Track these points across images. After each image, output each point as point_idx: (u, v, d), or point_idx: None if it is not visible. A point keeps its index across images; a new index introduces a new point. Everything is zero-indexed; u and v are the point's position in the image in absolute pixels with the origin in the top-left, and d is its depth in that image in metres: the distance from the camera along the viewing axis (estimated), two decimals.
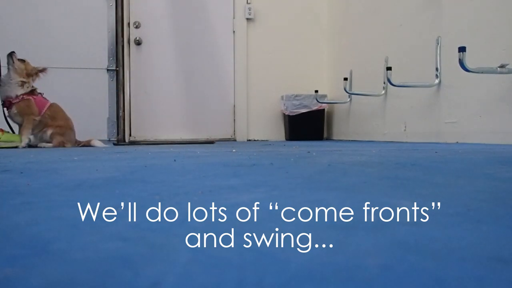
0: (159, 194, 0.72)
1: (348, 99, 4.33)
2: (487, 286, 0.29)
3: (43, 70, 3.28)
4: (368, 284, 0.29)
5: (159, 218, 0.52)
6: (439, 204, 0.61)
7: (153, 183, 0.87)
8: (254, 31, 4.79)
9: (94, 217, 0.54)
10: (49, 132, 3.14)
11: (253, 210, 0.58)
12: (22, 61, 3.20)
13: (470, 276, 0.31)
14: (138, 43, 4.57)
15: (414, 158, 1.50)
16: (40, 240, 0.43)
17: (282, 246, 0.40)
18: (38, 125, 3.18)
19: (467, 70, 2.46)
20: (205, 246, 0.40)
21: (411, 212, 0.55)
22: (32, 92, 3.19)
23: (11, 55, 3.18)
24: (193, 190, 0.75)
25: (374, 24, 3.94)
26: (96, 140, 3.35)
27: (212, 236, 0.43)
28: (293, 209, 0.58)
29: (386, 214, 0.53)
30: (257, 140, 4.79)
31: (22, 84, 3.14)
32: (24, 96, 3.11)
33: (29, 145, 3.15)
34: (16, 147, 3.04)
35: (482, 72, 2.51)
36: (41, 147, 3.07)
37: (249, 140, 4.79)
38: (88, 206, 0.62)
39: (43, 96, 3.28)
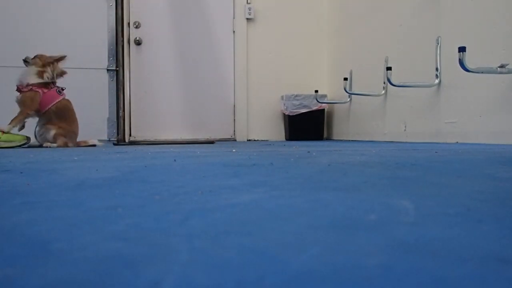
0: (159, 194, 0.72)
1: (348, 99, 4.33)
2: (487, 286, 0.29)
3: (60, 58, 3.15)
4: (368, 284, 0.29)
5: (159, 218, 0.52)
6: (439, 204, 0.61)
7: (153, 183, 0.87)
8: (254, 31, 4.80)
9: (94, 217, 0.54)
10: (52, 132, 3.10)
11: (253, 210, 0.58)
12: (36, 56, 3.16)
13: (470, 276, 0.31)
14: (138, 43, 4.57)
15: (414, 158, 1.50)
16: (40, 240, 0.43)
17: (282, 246, 0.40)
18: (41, 118, 3.10)
19: (467, 70, 2.46)
20: (205, 246, 0.40)
21: (411, 212, 0.55)
22: (46, 85, 3.08)
23: (25, 59, 3.13)
24: (193, 190, 0.75)
25: (374, 24, 3.94)
26: (93, 140, 3.33)
27: (212, 236, 0.43)
28: (293, 209, 0.58)
29: (386, 214, 0.53)
30: (257, 140, 4.79)
31: (40, 73, 3.06)
32: (33, 88, 3.04)
33: (30, 145, 3.14)
34: (18, 146, 3.02)
35: (482, 72, 2.51)
36: (46, 147, 3.05)
37: (249, 140, 4.79)
38: (88, 206, 0.62)
39: (60, 90, 3.15)
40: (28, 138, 3.12)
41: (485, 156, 1.58)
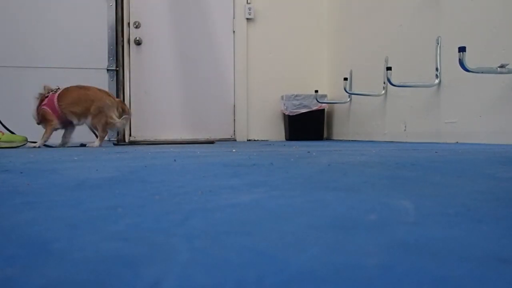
0: (159, 194, 0.72)
1: (348, 99, 4.33)
2: (487, 286, 0.29)
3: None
4: (368, 284, 0.29)
5: (159, 218, 0.52)
6: (439, 204, 0.61)
7: (153, 183, 0.87)
8: (254, 31, 4.79)
9: (94, 217, 0.54)
10: (88, 120, 3.07)
11: (253, 210, 0.58)
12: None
13: (470, 276, 0.31)
14: (138, 43, 4.57)
15: (414, 158, 1.50)
16: (40, 240, 0.43)
17: (282, 246, 0.40)
18: (73, 120, 3.09)
19: (467, 70, 2.46)
20: (205, 246, 0.40)
21: (411, 212, 0.55)
22: (42, 100, 3.11)
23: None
24: (193, 190, 0.75)
25: (374, 24, 3.94)
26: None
27: (212, 236, 0.43)
28: (293, 209, 0.58)
29: (386, 214, 0.53)
30: (257, 140, 4.79)
31: (37, 99, 3.15)
32: (39, 109, 3.10)
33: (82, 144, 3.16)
34: (18, 146, 3.03)
35: (482, 72, 2.51)
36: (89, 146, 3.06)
37: (249, 140, 4.79)
38: (88, 206, 0.62)
39: (56, 90, 3.13)
40: (26, 139, 3.13)
41: (485, 156, 1.58)
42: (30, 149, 2.86)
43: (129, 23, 4.54)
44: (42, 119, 3.09)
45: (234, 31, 4.77)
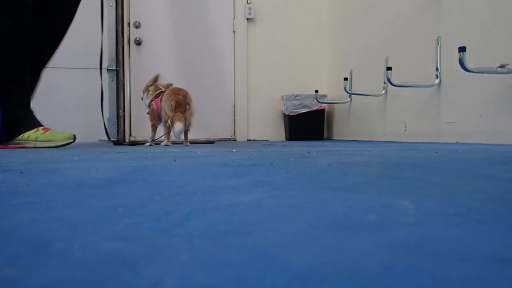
0: (159, 194, 0.72)
1: (348, 99, 4.33)
2: (487, 286, 0.29)
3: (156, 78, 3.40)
4: (368, 284, 0.29)
5: (159, 218, 0.52)
6: (439, 204, 0.61)
7: (153, 183, 0.87)
8: (254, 31, 4.79)
9: (94, 217, 0.54)
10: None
11: (253, 210, 0.58)
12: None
13: (470, 276, 0.31)
14: (138, 43, 4.57)
15: (414, 158, 1.50)
16: (40, 240, 0.43)
17: (282, 246, 0.40)
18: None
19: (467, 70, 2.46)
20: (205, 246, 0.40)
21: (411, 212, 0.55)
22: (157, 95, 3.26)
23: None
24: (193, 190, 0.75)
25: (374, 24, 3.94)
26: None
27: (212, 236, 0.43)
28: (293, 209, 0.58)
29: (386, 214, 0.53)
30: (257, 140, 4.79)
31: (147, 92, 3.34)
32: (152, 104, 3.26)
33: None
34: (59, 146, 2.78)
35: (482, 72, 2.51)
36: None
37: (249, 140, 4.79)
38: (88, 206, 0.62)
39: (165, 87, 3.27)
40: (74, 137, 2.86)
41: (485, 156, 1.58)
42: (30, 149, 2.83)
43: (129, 23, 4.54)
44: (150, 113, 3.31)
45: (234, 31, 4.77)
